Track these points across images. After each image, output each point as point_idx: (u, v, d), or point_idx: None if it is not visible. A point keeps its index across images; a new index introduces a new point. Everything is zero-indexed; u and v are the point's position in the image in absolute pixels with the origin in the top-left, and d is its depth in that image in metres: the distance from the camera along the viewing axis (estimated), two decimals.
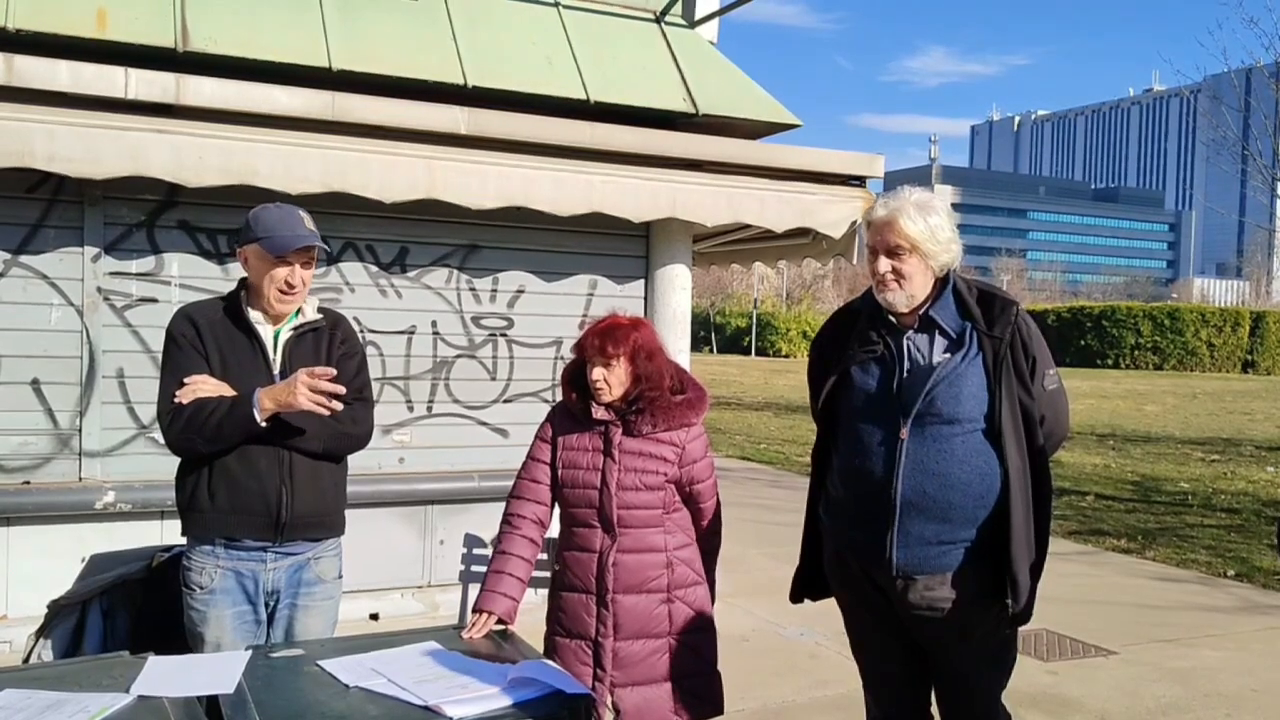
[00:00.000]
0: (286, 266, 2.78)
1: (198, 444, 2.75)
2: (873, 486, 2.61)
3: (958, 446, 2.54)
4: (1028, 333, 2.60)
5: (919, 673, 2.80)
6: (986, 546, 2.55)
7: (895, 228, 2.60)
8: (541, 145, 4.99)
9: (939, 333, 2.63)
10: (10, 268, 4.69)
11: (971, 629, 2.62)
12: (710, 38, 6.23)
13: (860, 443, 2.65)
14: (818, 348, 2.88)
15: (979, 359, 2.57)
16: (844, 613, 2.89)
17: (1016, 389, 2.56)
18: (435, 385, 5.53)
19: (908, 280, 2.61)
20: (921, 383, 2.58)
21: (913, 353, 2.64)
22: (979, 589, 2.57)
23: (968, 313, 2.62)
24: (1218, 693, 4.82)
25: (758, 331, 53.87)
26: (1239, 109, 20.33)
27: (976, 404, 2.55)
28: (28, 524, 4.75)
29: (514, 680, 2.28)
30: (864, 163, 5.78)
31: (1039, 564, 2.61)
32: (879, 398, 2.63)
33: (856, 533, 2.67)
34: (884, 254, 2.63)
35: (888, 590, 2.65)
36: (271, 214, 2.83)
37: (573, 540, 2.95)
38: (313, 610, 2.91)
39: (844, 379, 2.73)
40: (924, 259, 2.60)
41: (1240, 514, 9.78)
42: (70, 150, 4.15)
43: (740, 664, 4.24)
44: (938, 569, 2.57)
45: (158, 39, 4.68)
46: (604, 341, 2.85)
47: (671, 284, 5.85)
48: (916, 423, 2.56)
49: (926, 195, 2.69)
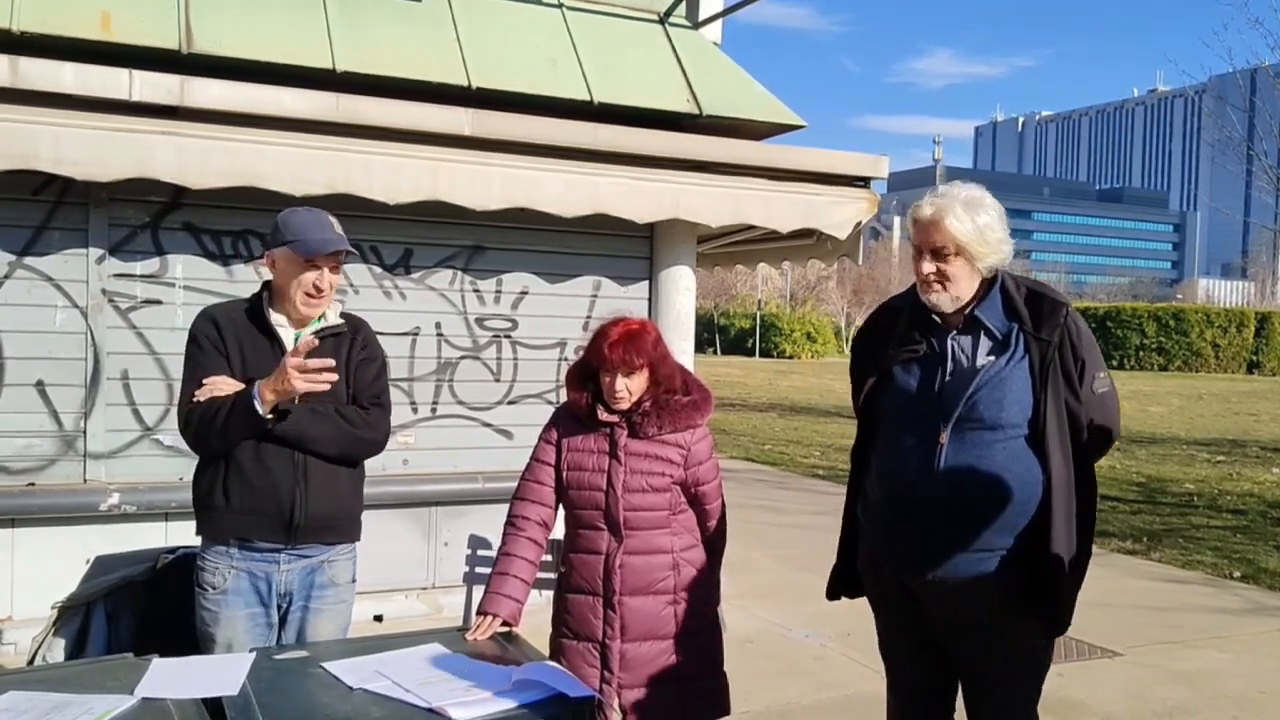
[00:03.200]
0: (316, 270, 2.79)
1: (211, 441, 2.76)
2: (909, 490, 2.54)
3: (999, 453, 2.46)
4: (1077, 334, 2.49)
5: (945, 684, 2.74)
6: (1024, 555, 2.47)
7: (941, 228, 2.49)
8: (545, 146, 4.99)
9: (984, 334, 2.53)
10: (15, 270, 4.69)
11: (1004, 638, 2.55)
12: (714, 39, 6.22)
13: (899, 445, 2.59)
14: (859, 345, 2.82)
15: (1025, 362, 2.48)
16: (875, 614, 2.83)
17: (1064, 393, 2.47)
18: (439, 387, 5.53)
19: (953, 282, 2.51)
20: (964, 386, 2.49)
21: (956, 354, 2.55)
22: (1014, 598, 2.49)
23: (1015, 313, 2.52)
24: (1224, 695, 4.80)
25: (761, 333, 53.83)
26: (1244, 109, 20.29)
27: (1020, 409, 2.46)
28: (32, 526, 4.75)
29: (518, 682, 2.28)
30: (869, 164, 5.77)
31: (1080, 573, 2.53)
32: (919, 400, 2.55)
33: (891, 536, 2.61)
34: (929, 254, 2.52)
35: (921, 596, 2.59)
36: (301, 217, 2.84)
37: (579, 542, 2.94)
38: (325, 614, 2.91)
39: (884, 378, 2.65)
40: (971, 260, 2.50)
41: (1246, 515, 9.76)
42: (75, 152, 4.15)
43: (745, 666, 4.23)
44: (972, 576, 2.49)
45: (162, 41, 4.68)
46: (627, 352, 2.81)
47: (676, 285, 5.85)
48: (957, 427, 2.48)
49: (977, 192, 2.56)
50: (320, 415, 2.79)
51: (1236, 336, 44.43)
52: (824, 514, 9.35)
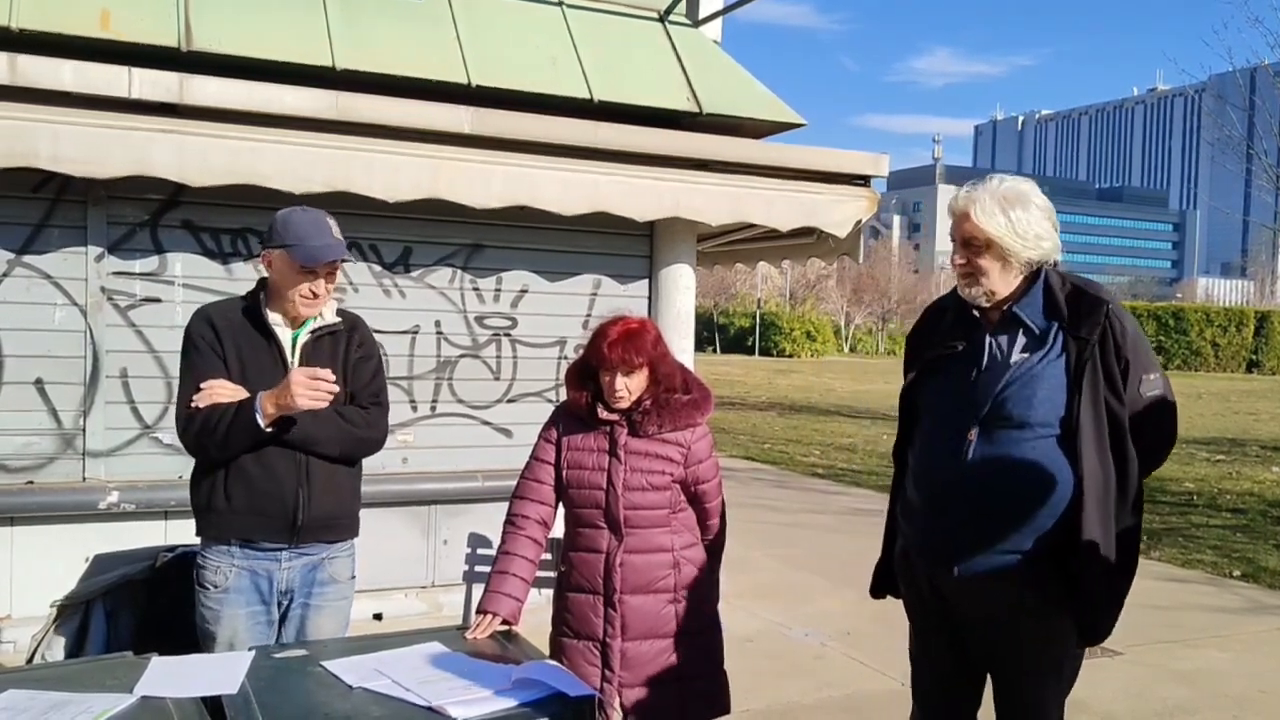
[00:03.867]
0: (312, 277, 2.77)
1: (210, 450, 2.76)
2: (939, 487, 2.53)
3: (1027, 452, 2.42)
4: (1120, 333, 2.42)
5: (971, 688, 2.71)
6: (1053, 556, 2.42)
7: (969, 220, 2.47)
8: (545, 145, 4.98)
9: (1022, 331, 2.49)
10: (14, 268, 4.68)
11: (1033, 640, 2.52)
12: (714, 37, 6.22)
13: (930, 442, 2.58)
14: (909, 343, 2.81)
15: (1061, 360, 2.42)
16: (907, 612, 2.81)
17: (1103, 393, 2.40)
18: (439, 385, 5.52)
19: (986, 276, 2.47)
20: (994, 382, 2.46)
21: (993, 350, 2.51)
22: (1043, 600, 2.45)
23: (1056, 311, 2.47)
24: (1224, 694, 4.80)
25: (761, 331, 53.84)
26: (1243, 108, 20.28)
27: (1051, 407, 2.41)
28: (31, 524, 4.75)
29: (518, 681, 2.28)
30: (869, 162, 5.76)
31: (1121, 582, 2.47)
32: (953, 396, 2.53)
33: (923, 532, 2.60)
34: (960, 245, 2.50)
35: (949, 593, 2.57)
36: (301, 220, 2.79)
37: (579, 541, 2.94)
38: (325, 610, 2.90)
39: (923, 375, 2.65)
40: (1004, 255, 2.45)
41: (1246, 514, 9.76)
42: (74, 150, 4.15)
43: (745, 665, 4.23)
44: (998, 574, 2.45)
45: (161, 38, 4.67)
46: (626, 351, 2.81)
47: (676, 284, 5.85)
48: (986, 424, 2.45)
49: (1015, 186, 2.49)
50: (322, 417, 2.77)
51: (1236, 335, 44.48)
52: (824, 513, 9.37)
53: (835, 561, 7.06)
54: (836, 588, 6.28)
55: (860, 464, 12.82)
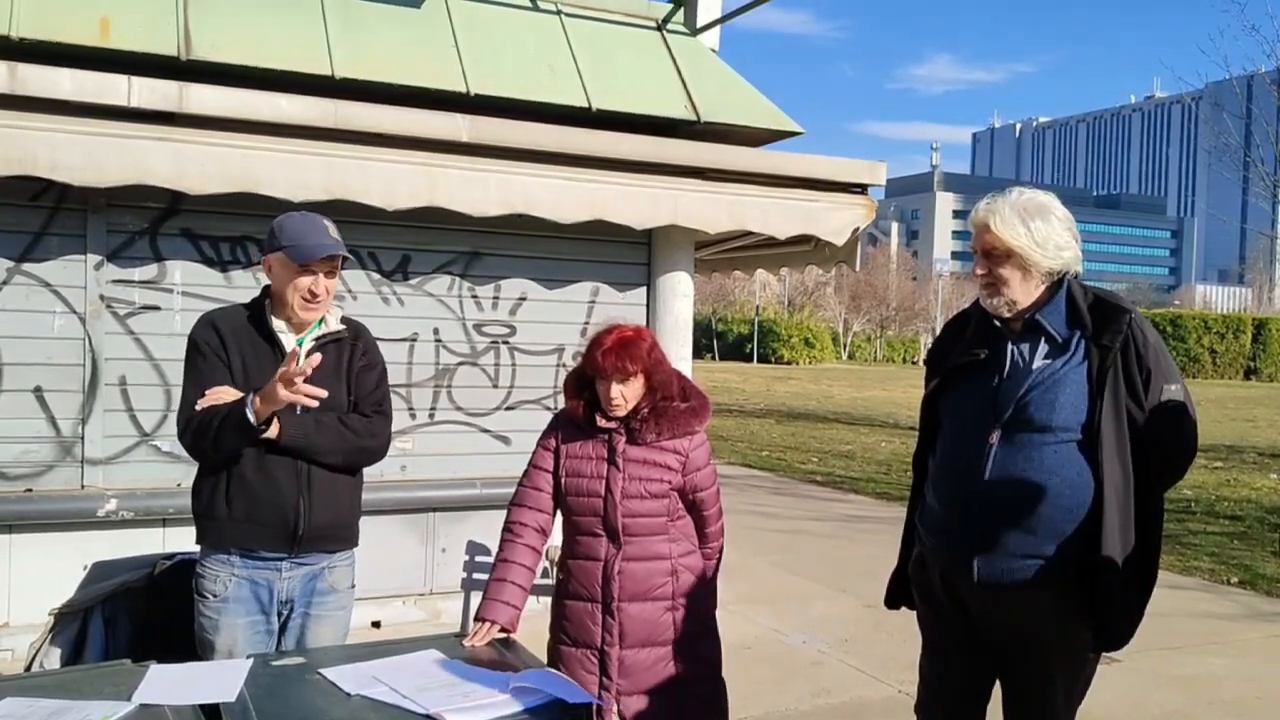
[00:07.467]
0: (310, 275, 2.77)
1: (208, 452, 2.75)
2: (959, 493, 2.53)
3: (1048, 456, 2.43)
4: (1143, 342, 2.43)
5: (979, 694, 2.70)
6: (1073, 561, 2.42)
7: (989, 231, 2.49)
8: (543, 153, 5.00)
9: (1045, 339, 2.51)
10: (13, 275, 4.69)
11: (1049, 646, 2.52)
12: (712, 45, 6.24)
13: (951, 447, 2.59)
14: (931, 352, 2.83)
15: (1083, 366, 2.44)
16: (920, 626, 2.81)
17: (1124, 400, 2.41)
18: (437, 392, 5.53)
19: (1007, 286, 2.50)
20: (1016, 387, 2.47)
21: (1015, 357, 2.53)
22: (1062, 607, 2.45)
23: (1079, 320, 2.48)
24: (1221, 700, 4.81)
25: (759, 338, 53.83)
26: (1240, 116, 20.34)
27: (1073, 412, 2.42)
28: (30, 532, 4.74)
29: (516, 689, 2.28)
30: (866, 170, 5.78)
31: (1144, 589, 2.48)
32: (975, 402, 2.55)
33: (941, 537, 2.60)
34: (981, 256, 2.53)
35: (967, 601, 2.57)
36: (295, 222, 2.81)
37: (577, 549, 2.94)
38: (325, 620, 2.90)
39: (945, 383, 2.66)
40: (1024, 266, 2.48)
41: (1243, 521, 9.77)
42: (73, 158, 4.16)
43: (742, 672, 4.23)
44: (1017, 579, 2.45)
45: (160, 47, 4.69)
46: (621, 359, 2.82)
47: (673, 291, 5.86)
48: (1007, 428, 2.46)
49: (1035, 198, 2.53)
50: (324, 425, 2.78)
51: (1234, 342, 44.50)
52: (821, 520, 9.37)
53: (833, 568, 7.07)
54: (834, 594, 6.30)
55: (858, 471, 12.82)
